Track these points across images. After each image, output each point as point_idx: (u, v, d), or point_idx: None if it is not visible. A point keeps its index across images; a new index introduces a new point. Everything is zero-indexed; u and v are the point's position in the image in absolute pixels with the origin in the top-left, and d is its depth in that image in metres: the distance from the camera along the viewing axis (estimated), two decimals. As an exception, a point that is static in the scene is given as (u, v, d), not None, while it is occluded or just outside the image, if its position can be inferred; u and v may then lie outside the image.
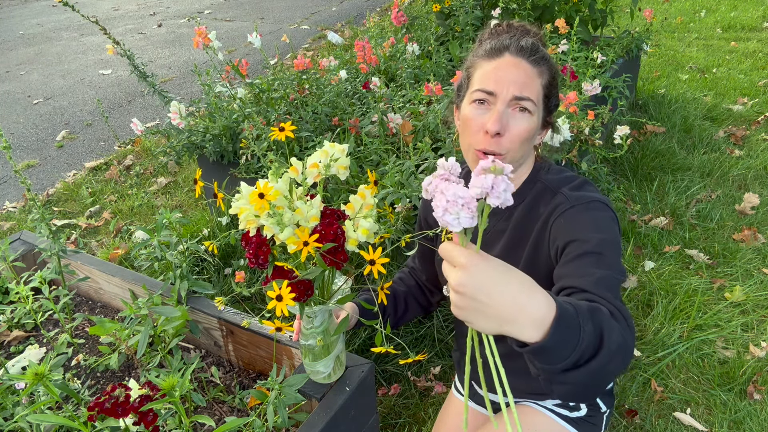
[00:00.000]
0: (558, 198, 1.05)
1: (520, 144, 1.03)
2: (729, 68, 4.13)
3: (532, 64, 1.03)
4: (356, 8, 6.78)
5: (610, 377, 0.69)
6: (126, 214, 3.03)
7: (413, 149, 2.06)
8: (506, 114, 1.01)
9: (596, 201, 1.02)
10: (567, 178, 1.10)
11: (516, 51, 1.03)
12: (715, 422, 1.73)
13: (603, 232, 0.96)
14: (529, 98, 1.01)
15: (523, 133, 1.02)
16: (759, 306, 2.12)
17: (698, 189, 2.79)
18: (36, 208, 1.50)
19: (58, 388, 1.11)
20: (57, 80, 5.20)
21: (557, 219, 1.02)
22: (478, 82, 1.04)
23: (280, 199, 0.95)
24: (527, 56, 1.03)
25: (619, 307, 0.79)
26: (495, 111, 1.01)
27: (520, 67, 1.02)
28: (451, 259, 0.61)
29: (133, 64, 2.41)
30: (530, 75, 1.02)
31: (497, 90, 1.02)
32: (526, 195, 1.12)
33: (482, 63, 1.06)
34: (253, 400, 1.37)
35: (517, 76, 1.01)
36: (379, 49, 3.10)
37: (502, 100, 1.01)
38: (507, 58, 1.03)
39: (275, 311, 0.93)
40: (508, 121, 1.01)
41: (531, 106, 1.02)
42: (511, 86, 1.01)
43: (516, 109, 1.02)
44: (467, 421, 1.38)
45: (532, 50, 1.03)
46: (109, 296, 1.81)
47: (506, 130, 1.01)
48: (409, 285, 1.39)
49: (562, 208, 1.03)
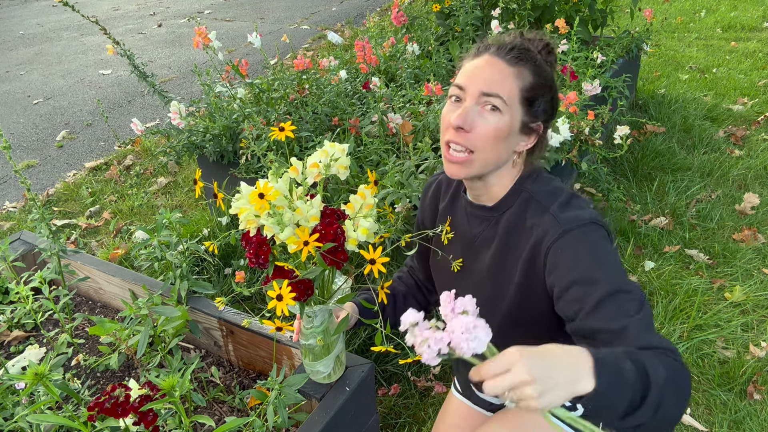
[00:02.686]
0: (547, 219, 1.02)
1: (492, 143, 1.00)
2: (729, 68, 4.13)
3: (508, 63, 1.01)
4: (356, 8, 6.78)
5: (672, 414, 0.74)
6: (126, 214, 3.03)
7: (413, 149, 2.06)
8: (473, 110, 1.00)
9: (588, 223, 0.99)
10: (553, 192, 1.07)
11: (495, 50, 1.02)
12: (715, 422, 1.73)
13: (603, 264, 0.94)
14: (498, 95, 0.99)
15: (491, 131, 0.99)
16: (759, 306, 2.12)
17: (698, 189, 2.79)
18: (36, 208, 1.50)
19: (58, 388, 1.11)
20: (57, 80, 5.20)
21: (553, 247, 0.99)
22: (456, 79, 1.05)
23: (280, 199, 0.95)
24: (504, 55, 1.01)
25: (660, 344, 0.84)
26: (462, 107, 1.01)
27: (494, 66, 1.01)
28: (499, 369, 0.65)
29: (133, 64, 2.41)
30: (504, 74, 1.00)
31: (466, 85, 1.01)
32: (511, 203, 1.09)
33: (464, 63, 1.06)
34: (253, 400, 1.37)
35: (489, 74, 1.00)
36: (379, 49, 3.10)
37: (470, 95, 1.01)
38: (485, 58, 1.03)
39: (275, 311, 0.93)
40: (474, 118, 1.00)
41: (500, 104, 0.99)
42: (480, 82, 1.00)
43: (486, 107, 1.00)
44: (466, 421, 1.38)
45: (511, 48, 1.02)
46: (109, 296, 1.81)
47: (473, 126, 1.00)
48: (409, 284, 1.39)
49: (554, 232, 0.99)
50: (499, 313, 1.12)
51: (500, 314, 1.12)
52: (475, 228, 1.15)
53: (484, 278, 1.14)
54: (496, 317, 1.13)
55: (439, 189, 1.28)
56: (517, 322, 1.12)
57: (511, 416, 1.27)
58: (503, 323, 1.13)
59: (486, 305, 1.13)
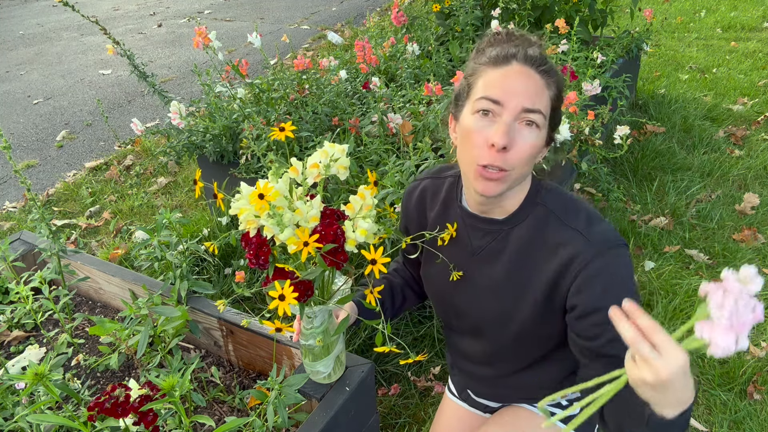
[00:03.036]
0: (577, 240, 0.98)
1: (527, 161, 0.96)
2: (729, 68, 4.13)
3: (541, 75, 0.95)
4: (356, 8, 6.78)
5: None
6: (126, 214, 3.03)
7: (413, 149, 2.06)
8: (513, 127, 0.93)
9: (618, 246, 0.97)
10: (570, 206, 1.04)
11: (524, 59, 0.95)
12: (715, 422, 1.73)
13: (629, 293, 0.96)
14: (540, 111, 0.94)
15: (530, 149, 0.95)
16: (759, 306, 2.12)
17: (698, 189, 2.79)
18: (36, 208, 1.50)
19: (58, 388, 1.11)
20: (57, 80, 5.20)
21: (584, 270, 0.96)
22: (483, 90, 0.96)
23: (280, 200, 0.95)
24: (536, 66, 0.95)
25: None
26: (502, 123, 0.93)
27: (530, 77, 0.95)
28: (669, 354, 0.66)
29: (133, 64, 2.41)
30: (540, 86, 0.95)
31: (505, 100, 0.93)
32: (525, 216, 1.06)
33: (487, 70, 0.97)
34: (253, 400, 1.37)
35: (527, 87, 0.94)
36: (379, 49, 3.10)
37: (510, 111, 0.93)
38: (516, 67, 0.95)
39: (277, 311, 0.93)
40: (515, 136, 0.93)
41: (540, 120, 0.94)
42: (521, 97, 0.93)
43: (523, 123, 0.94)
44: (462, 423, 1.38)
45: (541, 60, 0.96)
46: (109, 296, 1.81)
47: (513, 144, 0.93)
48: (405, 276, 1.37)
49: (586, 255, 0.97)
50: (511, 327, 1.11)
51: (512, 329, 1.11)
52: (477, 240, 1.11)
53: (488, 291, 1.11)
54: (506, 331, 1.13)
55: (424, 196, 1.22)
56: (528, 336, 1.12)
57: (508, 418, 1.27)
58: (514, 337, 1.13)
59: (494, 319, 1.12)
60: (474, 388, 1.34)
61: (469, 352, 1.27)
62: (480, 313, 1.14)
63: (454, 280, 1.14)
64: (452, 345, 1.33)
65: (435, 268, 1.21)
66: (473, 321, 1.17)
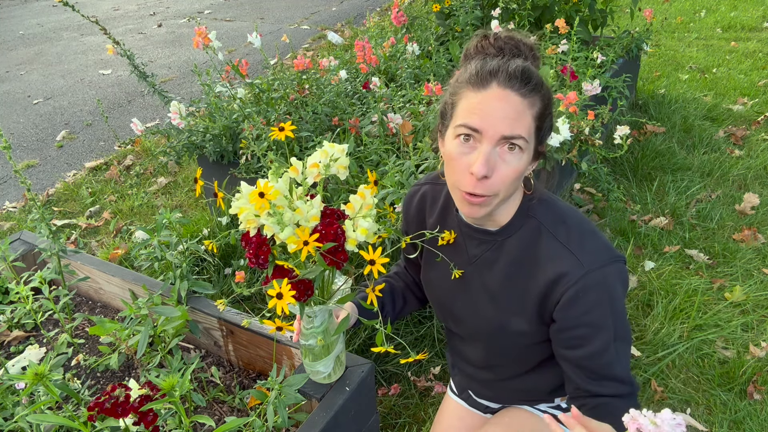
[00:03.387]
0: (567, 258, 0.98)
1: (510, 183, 0.95)
2: (729, 68, 4.13)
3: (522, 97, 0.91)
4: (356, 8, 6.78)
5: None
6: (126, 214, 3.03)
7: (413, 149, 2.06)
8: (494, 154, 0.92)
9: (609, 263, 0.98)
10: (563, 219, 1.03)
11: (505, 81, 0.91)
12: (715, 422, 1.73)
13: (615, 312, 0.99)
14: (520, 136, 0.91)
15: (513, 173, 0.94)
16: (759, 306, 2.12)
17: (698, 189, 2.79)
18: (36, 208, 1.50)
19: (58, 388, 1.11)
20: (57, 80, 5.20)
21: (572, 288, 0.97)
22: (462, 116, 0.94)
23: (281, 199, 0.95)
24: (517, 87, 0.91)
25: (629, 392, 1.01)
26: (481, 153, 0.92)
27: (508, 102, 0.91)
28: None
29: (133, 64, 2.41)
30: (520, 110, 0.91)
31: (483, 128, 0.91)
32: (517, 228, 1.06)
33: (467, 93, 0.95)
34: (253, 400, 1.37)
35: (505, 113, 0.91)
36: (379, 49, 3.10)
37: (489, 139, 0.91)
38: (494, 91, 0.91)
39: (275, 310, 0.93)
40: (495, 163, 0.92)
41: (522, 144, 0.92)
42: (499, 124, 0.91)
43: (505, 148, 0.92)
44: (463, 422, 1.38)
45: (523, 79, 0.92)
46: (109, 296, 1.81)
47: (494, 171, 0.93)
48: (407, 280, 1.37)
49: (575, 274, 0.97)
50: (508, 335, 1.12)
51: (509, 336, 1.12)
52: (473, 249, 1.12)
53: (484, 299, 1.12)
54: (503, 338, 1.14)
55: (423, 201, 1.22)
56: (525, 342, 1.13)
57: (509, 420, 1.27)
58: (512, 344, 1.14)
59: (491, 327, 1.13)
60: (474, 389, 1.35)
61: (469, 356, 1.27)
62: (477, 320, 1.15)
63: (454, 278, 1.14)
64: (453, 347, 1.34)
65: (434, 273, 1.21)
66: (471, 327, 1.18)
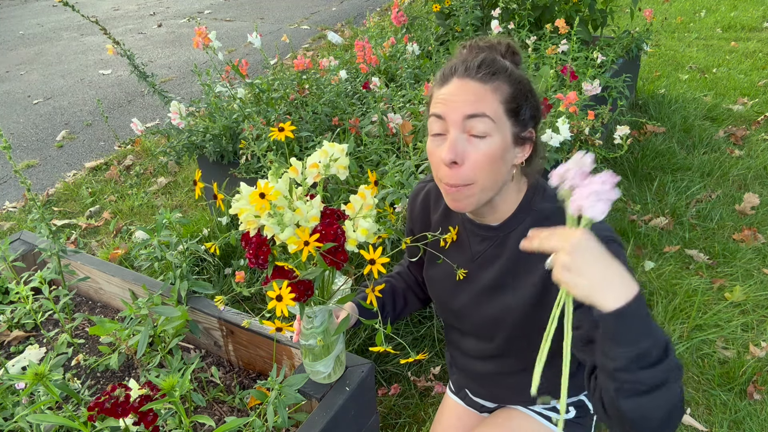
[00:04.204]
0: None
1: (488, 169, 0.95)
2: (729, 68, 4.13)
3: (481, 81, 0.95)
4: (356, 8, 6.78)
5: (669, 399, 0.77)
6: (126, 214, 3.03)
7: (413, 149, 2.06)
8: (461, 140, 0.94)
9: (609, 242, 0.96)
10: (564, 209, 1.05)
11: (462, 72, 0.96)
12: (715, 422, 1.73)
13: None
14: (483, 113, 0.93)
15: (485, 157, 0.94)
16: (759, 306, 2.12)
17: (698, 189, 2.79)
18: (36, 208, 1.50)
19: (58, 388, 1.11)
20: (57, 80, 5.20)
21: None
22: (430, 110, 1.00)
23: (281, 199, 0.95)
24: (474, 74, 0.95)
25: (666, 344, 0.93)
26: (448, 139, 0.95)
27: (466, 87, 0.95)
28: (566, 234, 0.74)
29: (133, 64, 2.41)
30: (480, 93, 0.94)
31: (446, 113, 0.95)
32: (519, 222, 1.06)
33: (434, 92, 1.00)
34: (253, 400, 1.37)
35: (465, 97, 0.94)
36: (379, 49, 3.10)
37: (453, 122, 0.94)
38: (454, 82, 0.96)
39: (275, 311, 0.93)
40: (465, 148, 0.94)
41: (488, 124, 0.94)
42: (460, 107, 0.94)
43: (473, 135, 0.94)
44: (461, 421, 1.38)
45: (480, 66, 0.95)
46: (109, 296, 1.81)
47: (464, 158, 0.94)
48: (408, 281, 1.38)
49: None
50: (509, 330, 1.12)
51: (510, 332, 1.12)
52: (476, 245, 1.12)
53: (490, 296, 1.12)
54: (504, 334, 1.13)
55: (428, 199, 1.23)
56: (526, 339, 1.12)
57: (501, 420, 1.27)
58: (513, 340, 1.14)
59: (493, 322, 1.13)
60: (472, 388, 1.35)
61: (470, 351, 1.27)
62: (479, 316, 1.15)
63: (459, 279, 1.14)
64: (452, 343, 1.34)
65: (437, 270, 1.21)
66: (473, 323, 1.18)
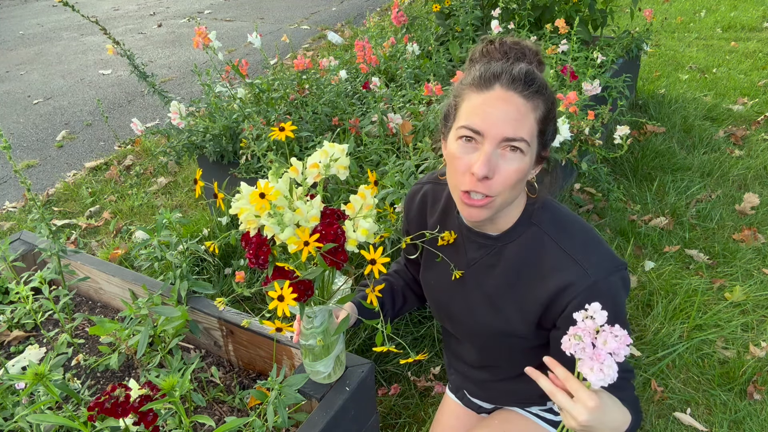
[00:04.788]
0: (572, 268, 0.98)
1: (512, 186, 0.94)
2: (729, 68, 4.13)
3: (525, 99, 0.91)
4: (356, 8, 6.78)
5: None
6: (126, 214, 3.03)
7: (413, 149, 2.06)
8: (495, 155, 0.91)
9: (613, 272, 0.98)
10: (565, 227, 1.03)
11: (508, 83, 0.91)
12: (715, 422, 1.73)
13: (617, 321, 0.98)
14: (522, 139, 0.91)
15: (514, 175, 0.93)
16: (759, 306, 2.12)
17: (698, 189, 2.79)
18: (36, 208, 1.50)
19: (58, 388, 1.11)
20: (57, 80, 5.20)
21: (578, 298, 0.96)
22: (465, 117, 0.94)
23: (281, 199, 0.95)
24: (520, 89, 0.91)
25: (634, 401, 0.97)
26: (483, 153, 0.91)
27: (511, 103, 0.91)
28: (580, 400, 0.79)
29: (133, 64, 2.41)
30: (523, 112, 0.91)
31: (485, 129, 0.91)
32: (518, 234, 1.05)
33: (470, 95, 0.95)
34: (253, 400, 1.37)
35: (507, 114, 0.90)
36: (379, 49, 3.10)
37: (491, 140, 0.91)
38: (497, 92, 0.91)
39: (276, 311, 0.93)
40: (497, 163, 0.92)
41: (524, 147, 0.92)
42: (501, 126, 0.90)
43: (507, 150, 0.92)
44: (460, 420, 1.39)
45: (527, 81, 0.92)
46: (109, 296, 1.81)
47: (495, 172, 0.92)
48: (406, 278, 1.37)
49: (581, 284, 0.97)
50: (503, 339, 1.12)
51: (504, 340, 1.12)
52: (473, 252, 1.11)
53: (481, 303, 1.12)
54: (498, 342, 1.14)
55: (425, 201, 1.22)
56: (520, 347, 1.13)
57: (499, 423, 1.28)
58: (507, 348, 1.15)
59: (486, 330, 1.13)
60: (469, 389, 1.35)
61: (464, 356, 1.27)
62: (472, 323, 1.15)
63: (454, 280, 1.14)
64: (448, 347, 1.34)
65: (433, 273, 1.21)
66: (466, 329, 1.18)
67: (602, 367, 0.72)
